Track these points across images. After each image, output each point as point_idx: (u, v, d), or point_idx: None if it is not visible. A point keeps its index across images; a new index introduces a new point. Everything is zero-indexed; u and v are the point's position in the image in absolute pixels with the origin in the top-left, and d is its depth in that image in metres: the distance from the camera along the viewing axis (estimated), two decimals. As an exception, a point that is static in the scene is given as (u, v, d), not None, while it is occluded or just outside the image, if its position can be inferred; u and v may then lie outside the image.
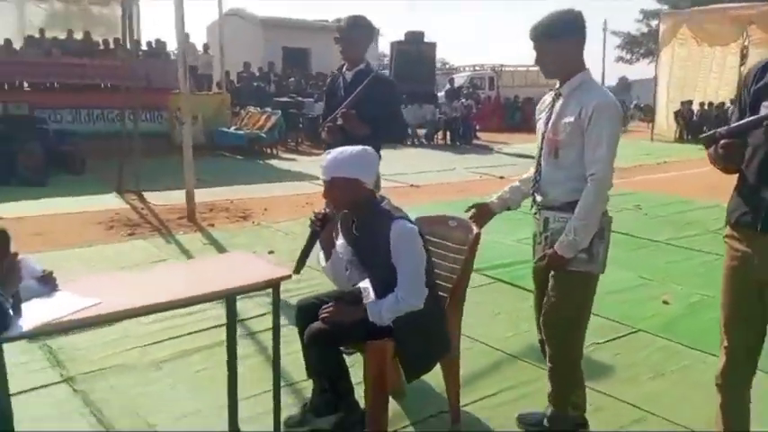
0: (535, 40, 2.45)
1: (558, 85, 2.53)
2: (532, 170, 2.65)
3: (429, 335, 2.54)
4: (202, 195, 7.85)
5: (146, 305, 2.05)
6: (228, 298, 2.47)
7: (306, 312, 2.62)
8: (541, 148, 2.56)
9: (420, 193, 9.18)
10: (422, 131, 17.70)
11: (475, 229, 2.74)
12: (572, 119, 2.40)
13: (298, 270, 2.56)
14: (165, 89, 12.97)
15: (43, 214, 7.46)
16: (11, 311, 1.75)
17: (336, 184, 2.50)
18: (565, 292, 2.53)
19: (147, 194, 8.41)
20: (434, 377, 2.83)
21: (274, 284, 2.34)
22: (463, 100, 18.76)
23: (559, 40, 2.41)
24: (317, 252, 2.68)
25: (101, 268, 5.08)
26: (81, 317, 1.90)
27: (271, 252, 5.66)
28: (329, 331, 2.48)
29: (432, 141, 17.70)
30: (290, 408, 2.84)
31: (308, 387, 2.90)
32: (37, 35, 14.56)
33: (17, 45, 13.96)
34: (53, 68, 13.22)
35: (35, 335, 1.82)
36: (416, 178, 10.55)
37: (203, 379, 3.20)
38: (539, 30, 2.43)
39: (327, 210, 2.66)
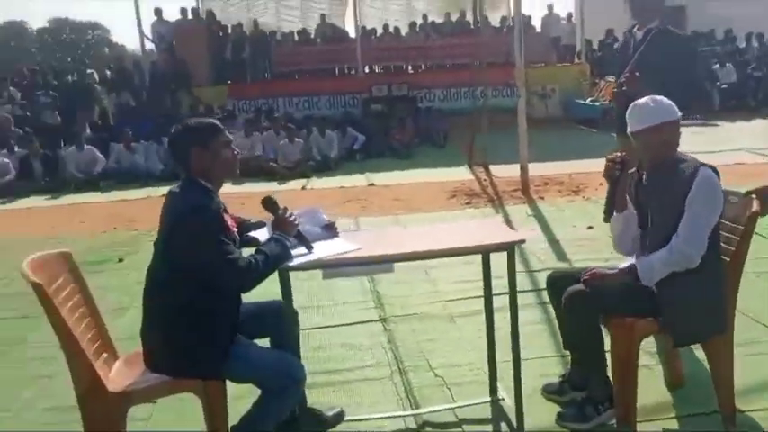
0: None
1: None
2: None
3: (700, 304, 2.42)
4: (542, 168, 8.11)
5: (388, 254, 2.47)
6: (483, 257, 2.68)
7: (557, 284, 2.70)
8: None
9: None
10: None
11: (754, 207, 2.43)
12: None
13: (607, 218, 2.67)
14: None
15: (406, 182, 8.73)
16: (291, 249, 2.34)
17: (666, 127, 2.46)
18: None
19: (493, 167, 9.02)
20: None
21: (507, 248, 2.51)
22: None
23: None
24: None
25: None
26: (338, 258, 2.42)
27: (590, 228, 5.64)
28: (588, 294, 2.48)
29: None
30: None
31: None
32: (420, 20, 16.49)
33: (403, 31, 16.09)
34: (429, 51, 14.89)
35: (305, 268, 2.43)
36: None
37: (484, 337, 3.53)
38: None
39: (624, 155, 2.61)
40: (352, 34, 16.03)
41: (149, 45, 15.63)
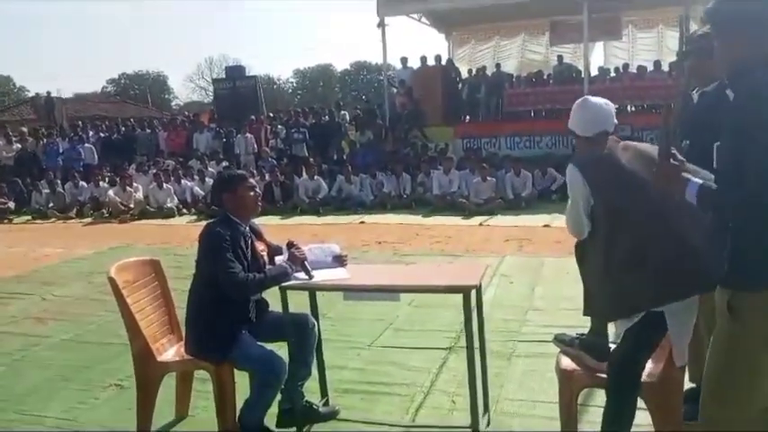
0: None
1: None
2: None
3: None
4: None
5: (360, 285, 3.09)
6: (465, 295, 2.86)
7: None
8: None
9: None
10: None
11: None
12: None
13: None
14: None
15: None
16: (292, 274, 3.03)
17: None
18: None
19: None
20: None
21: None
22: None
23: None
24: None
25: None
26: (328, 283, 3.10)
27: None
28: None
29: None
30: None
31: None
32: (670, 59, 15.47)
33: None
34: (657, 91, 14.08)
35: (297, 288, 3.11)
36: None
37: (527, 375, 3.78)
38: None
39: None
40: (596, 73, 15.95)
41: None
